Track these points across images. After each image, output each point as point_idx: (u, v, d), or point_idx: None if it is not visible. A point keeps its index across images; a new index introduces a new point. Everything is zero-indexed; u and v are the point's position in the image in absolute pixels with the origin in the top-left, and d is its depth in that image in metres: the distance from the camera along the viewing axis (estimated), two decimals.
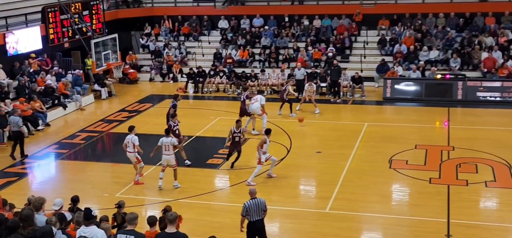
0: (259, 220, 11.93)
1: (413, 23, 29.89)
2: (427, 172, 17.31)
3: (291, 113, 23.34)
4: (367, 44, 29.92)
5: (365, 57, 29.13)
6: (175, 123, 18.73)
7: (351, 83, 26.36)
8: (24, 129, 19.77)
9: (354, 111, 24.92)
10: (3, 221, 8.85)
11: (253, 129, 21.26)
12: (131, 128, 16.94)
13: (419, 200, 15.57)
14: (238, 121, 18.37)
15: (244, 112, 21.33)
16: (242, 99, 21.71)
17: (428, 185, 16.39)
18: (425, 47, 28.20)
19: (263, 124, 20.69)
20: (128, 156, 16.97)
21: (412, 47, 28.37)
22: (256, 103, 21.11)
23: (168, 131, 16.82)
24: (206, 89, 28.41)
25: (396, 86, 26.04)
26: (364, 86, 26.54)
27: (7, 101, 22.93)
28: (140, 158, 16.90)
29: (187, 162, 18.48)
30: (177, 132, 18.50)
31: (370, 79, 27.88)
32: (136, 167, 17.08)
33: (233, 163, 18.08)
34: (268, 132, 17.01)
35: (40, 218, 10.28)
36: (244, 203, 11.88)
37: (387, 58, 28.36)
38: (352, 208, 15.20)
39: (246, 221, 12.02)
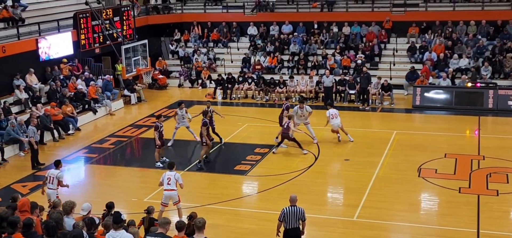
0: (295, 229, 11.82)
1: (444, 30, 29.58)
2: (456, 181, 17.08)
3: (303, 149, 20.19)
4: (396, 51, 29.71)
5: (394, 65, 28.93)
6: (161, 124, 18.99)
7: (380, 90, 26.19)
8: (33, 140, 19.62)
9: (383, 119, 24.74)
10: (30, 225, 8.99)
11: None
12: (172, 165, 14.80)
13: (448, 210, 15.37)
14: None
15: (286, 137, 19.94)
16: (285, 126, 19.86)
17: (458, 195, 16.17)
18: (455, 55, 27.88)
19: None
20: (170, 195, 14.42)
21: (442, 54, 28.07)
22: (337, 119, 20.78)
23: (57, 163, 15.27)
24: (234, 96, 28.50)
25: (425, 94, 25.78)
26: (393, 93, 26.33)
27: (39, 105, 23.32)
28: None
29: (158, 164, 18.99)
30: (162, 133, 18.91)
31: (400, 86, 27.65)
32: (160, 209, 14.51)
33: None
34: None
35: (69, 222, 10.43)
36: (283, 209, 11.83)
37: (417, 66, 28.10)
38: (380, 217, 15.06)
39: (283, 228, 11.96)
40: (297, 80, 27.84)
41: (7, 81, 23.87)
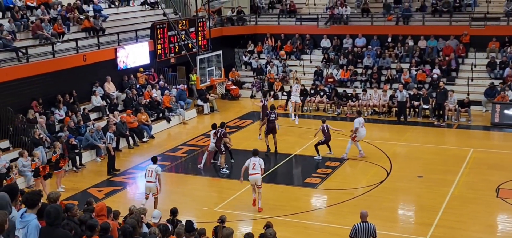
0: None
1: None
2: None
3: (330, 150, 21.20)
4: (475, 66, 28.77)
5: (472, 80, 28.01)
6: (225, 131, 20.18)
7: (456, 106, 25.42)
8: (111, 146, 20.21)
9: (459, 136, 23.96)
10: (107, 229, 9.22)
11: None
12: (256, 152, 16.71)
13: None
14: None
15: (272, 130, 21.57)
16: (272, 118, 21.46)
17: None
18: None
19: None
20: (254, 178, 16.17)
21: None
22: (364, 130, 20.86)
23: (155, 159, 16.87)
24: (306, 108, 28.39)
25: (505, 111, 24.80)
26: (471, 110, 25.49)
27: (116, 112, 24.03)
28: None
29: (224, 169, 19.67)
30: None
31: (477, 103, 26.74)
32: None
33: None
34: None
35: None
36: (354, 225, 11.65)
37: (497, 82, 27.10)
38: (454, 237, 14.57)
39: None
40: (370, 94, 27.44)
41: (87, 89, 24.74)
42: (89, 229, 8.92)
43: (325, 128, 20.70)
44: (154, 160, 16.78)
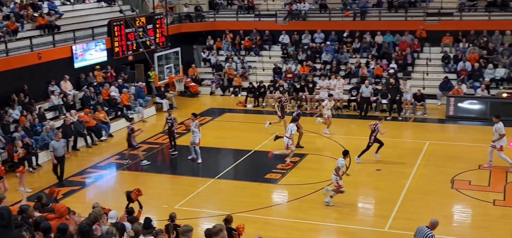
0: None
1: (478, 40, 29.09)
2: (491, 193, 16.78)
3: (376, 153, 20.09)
4: (430, 61, 29.32)
5: (427, 74, 28.56)
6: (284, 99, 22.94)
7: (412, 100, 25.85)
8: (53, 154, 18.89)
9: (415, 129, 24.41)
10: (65, 229, 9.08)
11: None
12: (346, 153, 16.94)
13: (483, 222, 15.08)
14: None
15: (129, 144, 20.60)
16: (128, 131, 20.59)
17: (492, 207, 15.87)
18: (490, 65, 27.39)
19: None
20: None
21: (476, 64, 27.60)
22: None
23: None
24: (265, 104, 28.45)
25: (459, 104, 25.36)
26: (426, 103, 25.97)
27: (73, 111, 23.63)
28: None
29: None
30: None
31: (433, 96, 27.27)
32: None
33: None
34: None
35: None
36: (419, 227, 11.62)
37: (451, 75, 27.69)
38: (412, 228, 14.71)
39: None
40: (328, 82, 27.44)
41: (42, 87, 24.27)
42: (43, 231, 8.76)
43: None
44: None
